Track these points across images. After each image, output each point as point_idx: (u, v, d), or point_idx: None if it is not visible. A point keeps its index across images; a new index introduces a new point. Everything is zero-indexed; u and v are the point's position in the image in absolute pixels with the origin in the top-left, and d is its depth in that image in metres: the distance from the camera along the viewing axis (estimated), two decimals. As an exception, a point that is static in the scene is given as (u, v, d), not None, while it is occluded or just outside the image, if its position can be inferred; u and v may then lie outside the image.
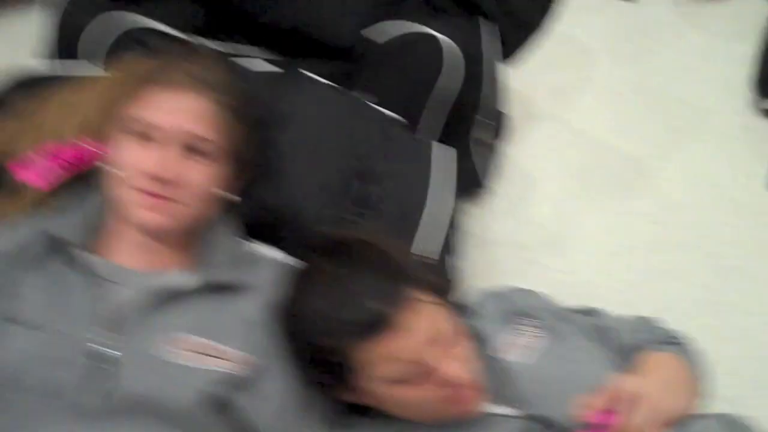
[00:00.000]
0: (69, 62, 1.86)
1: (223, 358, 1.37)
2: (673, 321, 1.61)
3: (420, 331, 1.34)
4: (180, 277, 1.46)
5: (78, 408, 1.29)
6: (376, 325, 1.32)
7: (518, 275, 2.07)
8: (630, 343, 1.56)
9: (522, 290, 1.69)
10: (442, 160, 1.75)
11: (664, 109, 2.58)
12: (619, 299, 1.78)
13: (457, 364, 1.36)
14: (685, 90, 2.65)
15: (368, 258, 1.41)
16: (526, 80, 2.25)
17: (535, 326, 1.55)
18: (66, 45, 1.91)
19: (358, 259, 1.40)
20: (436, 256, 1.66)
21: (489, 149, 2.20)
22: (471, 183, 1.74)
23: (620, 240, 2.22)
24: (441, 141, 1.86)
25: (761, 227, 2.29)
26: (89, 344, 1.33)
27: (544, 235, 2.21)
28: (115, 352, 1.33)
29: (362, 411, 1.50)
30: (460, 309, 1.50)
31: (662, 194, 2.34)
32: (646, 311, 1.64)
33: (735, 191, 2.37)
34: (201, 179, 1.46)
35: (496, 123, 2.16)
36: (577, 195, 2.31)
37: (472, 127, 2.07)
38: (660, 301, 2.07)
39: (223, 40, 1.91)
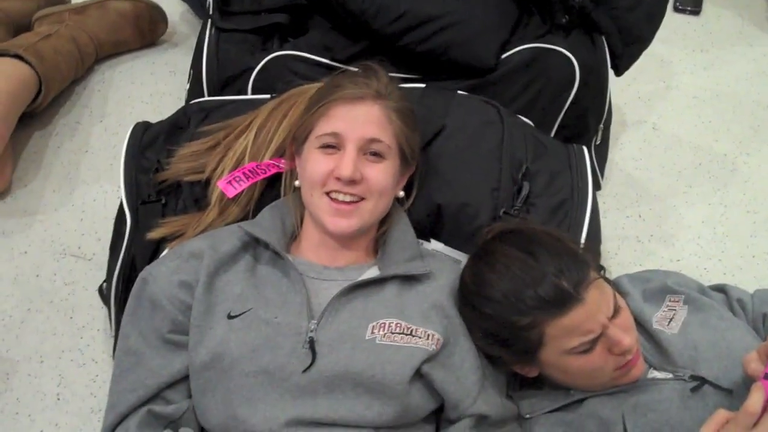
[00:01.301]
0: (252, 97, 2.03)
1: (421, 337, 1.51)
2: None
3: (602, 306, 1.46)
4: (370, 270, 1.62)
5: (293, 389, 1.44)
6: (568, 301, 1.43)
7: (635, 265, 2.22)
8: (762, 311, 1.69)
9: (659, 271, 1.83)
10: (582, 159, 1.87)
11: (742, 111, 2.73)
12: (726, 281, 1.87)
13: (628, 335, 1.47)
14: (760, 93, 2.80)
15: (547, 243, 1.51)
16: (615, 90, 2.36)
17: (679, 300, 1.67)
18: (225, 75, 2.09)
19: (539, 244, 1.51)
20: (582, 243, 1.77)
21: (601, 153, 2.35)
22: (593, 184, 1.88)
23: (720, 228, 2.37)
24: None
25: None
26: (307, 333, 1.47)
27: (651, 228, 2.35)
28: (330, 342, 1.47)
29: (529, 382, 1.65)
30: (616, 288, 1.60)
31: (752, 186, 2.49)
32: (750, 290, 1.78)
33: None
34: (381, 176, 1.60)
35: (606, 129, 2.30)
36: (676, 191, 2.45)
37: (594, 134, 2.22)
38: (762, 280, 2.22)
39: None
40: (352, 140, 1.57)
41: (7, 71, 2.32)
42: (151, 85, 2.65)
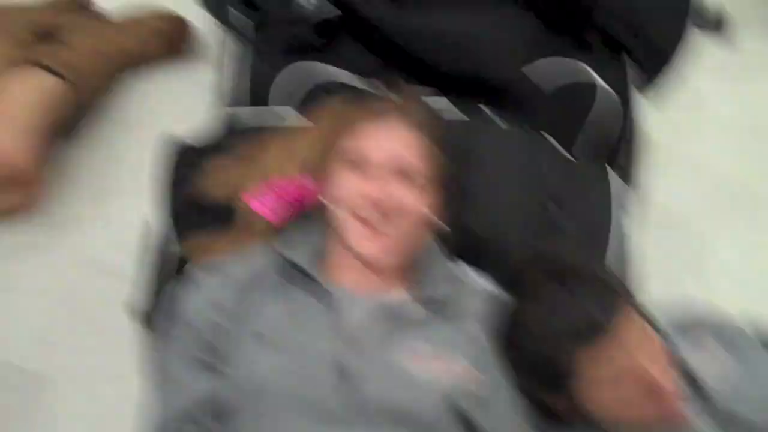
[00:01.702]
0: (276, 109, 2.02)
1: (456, 371, 1.49)
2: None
3: (635, 338, 1.43)
4: (402, 297, 1.59)
5: (324, 416, 1.41)
6: (600, 332, 1.41)
7: (667, 297, 2.15)
8: None
9: (693, 306, 1.77)
10: (612, 185, 1.86)
11: (777, 143, 2.69)
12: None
13: (662, 370, 1.44)
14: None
15: (579, 272, 1.49)
16: (646, 117, 2.32)
17: (713, 338, 1.64)
18: (255, 93, 2.08)
19: (571, 273, 1.49)
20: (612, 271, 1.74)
21: (631, 179, 2.31)
22: (623, 210, 1.87)
23: (755, 266, 2.33)
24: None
25: None
26: (335, 360, 1.46)
27: (682, 261, 2.32)
28: (360, 367, 1.45)
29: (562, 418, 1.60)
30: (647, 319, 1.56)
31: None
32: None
33: None
34: (414, 203, 1.59)
35: (636, 155, 2.26)
36: (708, 224, 2.42)
37: (625, 159, 2.19)
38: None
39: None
40: (379, 160, 1.56)
41: (36, 83, 2.32)
42: (182, 100, 2.65)
